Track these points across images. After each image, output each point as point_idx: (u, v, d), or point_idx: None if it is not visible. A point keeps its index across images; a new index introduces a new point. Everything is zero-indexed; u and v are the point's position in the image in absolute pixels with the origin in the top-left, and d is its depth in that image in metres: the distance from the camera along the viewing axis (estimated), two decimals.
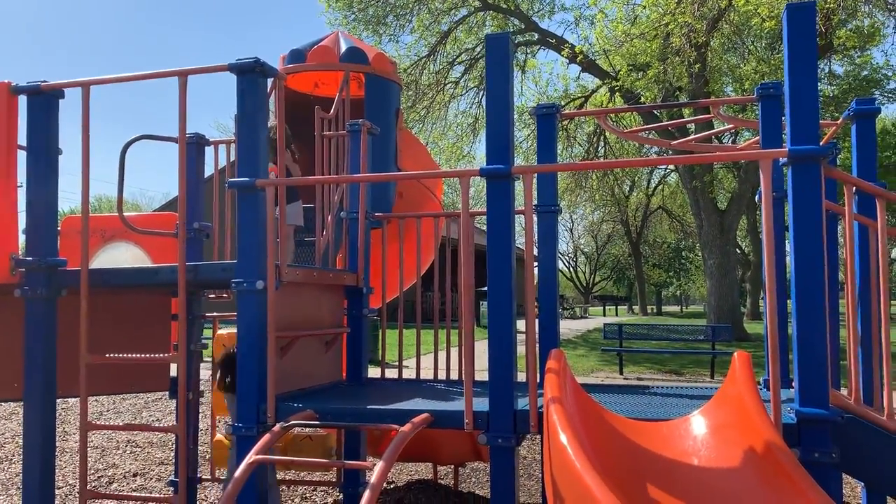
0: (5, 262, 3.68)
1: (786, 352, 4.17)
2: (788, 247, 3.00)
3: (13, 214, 3.77)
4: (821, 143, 3.75)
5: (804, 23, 2.90)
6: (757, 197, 3.99)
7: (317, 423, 3.24)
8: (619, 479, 2.58)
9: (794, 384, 3.11)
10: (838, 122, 4.45)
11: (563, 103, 22.22)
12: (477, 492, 5.52)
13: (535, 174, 3.78)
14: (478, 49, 22.02)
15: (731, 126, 5.12)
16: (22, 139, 3.84)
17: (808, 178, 2.82)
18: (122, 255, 4.93)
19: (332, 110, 5.04)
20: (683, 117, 18.73)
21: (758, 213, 34.19)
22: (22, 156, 3.84)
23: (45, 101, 3.81)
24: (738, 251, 36.62)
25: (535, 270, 4.29)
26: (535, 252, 4.23)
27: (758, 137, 4.35)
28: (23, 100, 3.80)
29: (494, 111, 3.19)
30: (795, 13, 2.91)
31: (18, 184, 3.86)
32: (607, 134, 22.35)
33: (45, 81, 3.78)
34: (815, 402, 2.78)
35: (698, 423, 2.80)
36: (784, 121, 4.08)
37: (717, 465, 2.61)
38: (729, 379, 2.86)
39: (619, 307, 59.80)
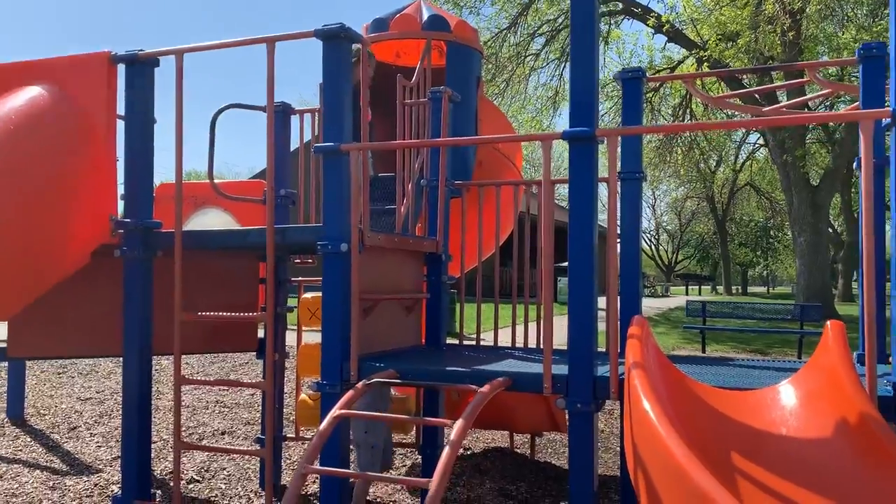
0: (106, 223, 3.87)
1: (883, 331, 3.98)
2: (889, 223, 2.85)
3: (113, 179, 3.96)
4: None
5: None
6: (855, 164, 3.80)
7: (398, 381, 3.30)
8: (703, 448, 2.52)
9: (891, 360, 2.97)
10: None
11: (648, 75, 21.64)
12: (554, 462, 5.52)
13: (620, 137, 3.71)
14: (559, 20, 21.63)
15: (827, 91, 4.87)
16: (120, 108, 4.03)
17: None
18: (212, 220, 5.12)
19: (413, 78, 5.06)
20: (771, 83, 17.97)
21: (853, 190, 32.58)
22: (120, 124, 4.04)
23: (141, 69, 3.98)
24: (830, 230, 35.03)
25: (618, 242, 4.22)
26: (618, 221, 4.16)
27: (856, 104, 4.13)
28: (121, 69, 3.98)
29: (579, 70, 3.13)
30: None
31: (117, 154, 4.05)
32: (693, 106, 21.65)
33: (141, 50, 3.93)
34: None
35: (787, 392, 2.71)
36: (888, 85, 3.87)
37: (807, 436, 2.53)
38: (821, 348, 2.75)
39: (702, 287, 58.31)
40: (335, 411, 2.92)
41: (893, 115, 2.65)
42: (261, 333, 4.82)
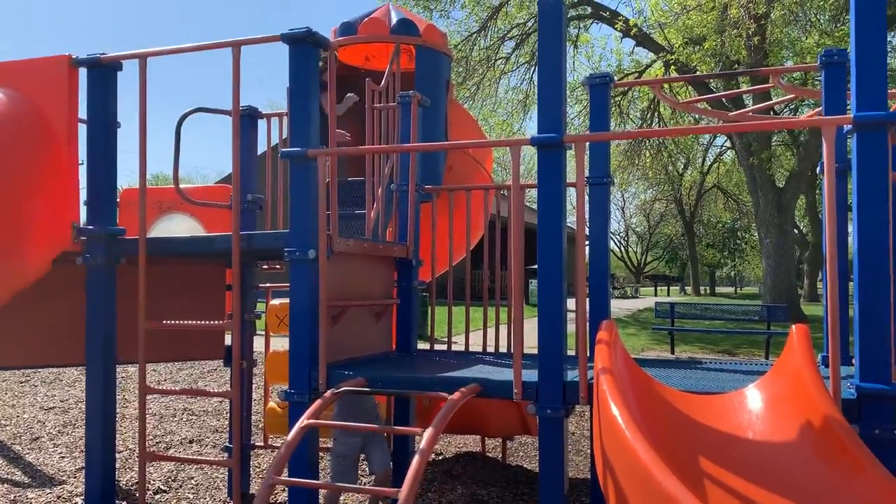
0: (68, 230, 3.79)
1: (846, 332, 4.04)
2: (851, 224, 2.90)
3: (75, 185, 3.88)
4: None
5: None
6: (819, 168, 3.86)
7: (367, 389, 3.28)
8: (671, 452, 2.54)
9: (854, 362, 3.02)
10: None
11: (617, 78, 21.82)
12: (525, 465, 5.52)
13: (588, 143, 3.72)
14: (529, 24, 21.72)
15: (791, 96, 4.95)
16: (82, 112, 3.95)
17: (874, 146, 2.71)
18: (178, 226, 5.05)
19: (382, 82, 5.03)
20: (737, 88, 18.23)
21: (817, 192, 33.17)
22: (82, 129, 3.96)
23: (104, 73, 3.90)
24: (796, 231, 35.64)
25: (586, 246, 4.24)
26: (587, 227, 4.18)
27: (819, 109, 4.20)
28: (82, 73, 3.90)
29: (546, 77, 3.14)
30: None
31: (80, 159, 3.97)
32: (661, 110, 21.89)
33: (104, 54, 3.86)
34: (877, 377, 2.69)
35: (754, 396, 2.74)
36: (849, 90, 3.94)
37: (773, 440, 2.55)
38: (786, 352, 2.79)
39: (671, 287, 58.94)
40: (303, 421, 2.89)
41: (855, 121, 2.69)
42: (228, 341, 4.76)
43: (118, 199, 4.20)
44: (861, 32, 2.76)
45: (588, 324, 3.90)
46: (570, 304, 3.25)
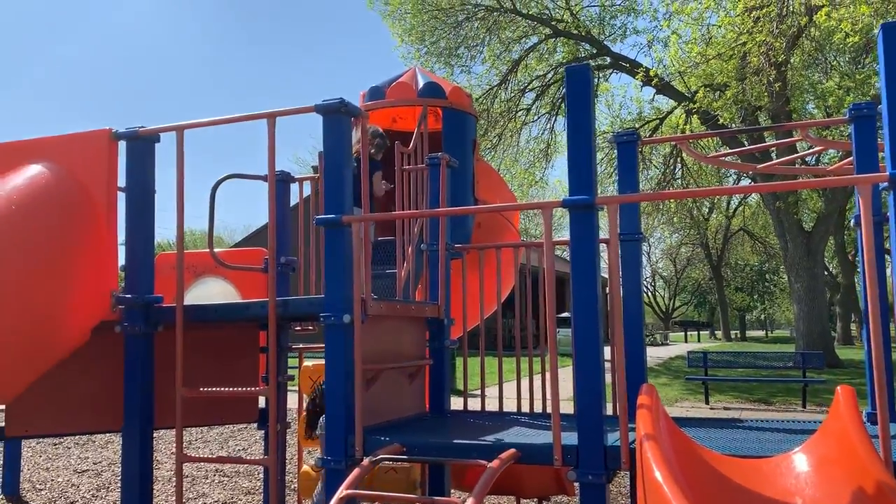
0: (107, 299, 3.86)
1: (891, 383, 3.95)
2: (889, 270, 2.86)
3: (114, 254, 3.96)
4: None
5: None
6: (853, 221, 3.83)
7: (405, 457, 3.25)
8: None
9: None
10: None
11: (637, 126, 21.95)
12: None
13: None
14: (549, 76, 22.04)
15: (820, 148, 4.95)
16: (121, 181, 4.06)
17: None
18: (212, 290, 5.11)
19: (411, 144, 5.12)
20: (764, 140, 18.23)
21: (846, 234, 32.77)
22: (121, 197, 4.06)
23: (142, 145, 4.02)
24: (826, 273, 35.14)
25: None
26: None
27: (849, 159, 4.18)
28: (121, 145, 4.02)
29: (576, 142, 3.17)
30: (892, 31, 2.80)
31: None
32: (684, 156, 21.90)
33: (142, 127, 3.98)
34: None
35: (801, 460, 2.68)
36: (880, 142, 3.93)
37: None
38: (832, 414, 2.73)
39: (700, 332, 58.11)
40: (342, 491, 2.87)
41: (891, 179, 2.68)
42: (261, 402, 4.76)
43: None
44: (893, 90, 2.77)
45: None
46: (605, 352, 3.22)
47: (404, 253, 4.78)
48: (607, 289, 3.69)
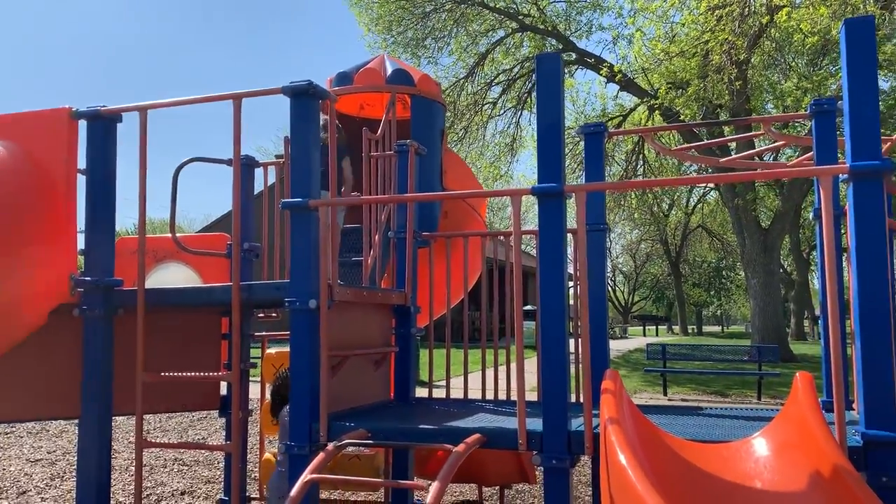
0: (65, 282, 3.77)
1: (845, 374, 4.05)
2: (846, 266, 2.93)
3: (73, 236, 3.87)
4: None
5: (863, 37, 2.85)
6: (812, 215, 3.92)
7: (370, 442, 3.24)
8: (679, 501, 2.53)
9: (855, 407, 3.02)
10: (893, 137, 4.36)
11: (601, 122, 22.14)
12: None
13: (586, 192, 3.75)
14: (515, 70, 22.12)
15: (780, 143, 5.04)
16: (81, 163, 3.95)
17: (870, 194, 2.76)
18: (173, 275, 5.02)
19: (378, 131, 5.09)
20: (724, 135, 18.54)
21: (801, 232, 33.53)
22: (81, 179, 3.95)
23: (103, 125, 3.92)
24: (781, 270, 35.91)
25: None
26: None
27: (808, 154, 4.27)
28: (82, 124, 3.92)
29: (545, 130, 3.18)
30: (854, 28, 2.86)
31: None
32: (646, 152, 22.17)
33: (104, 106, 3.88)
34: (883, 423, 2.69)
35: (760, 444, 2.73)
36: (839, 137, 4.03)
37: (780, 489, 2.54)
38: (791, 400, 2.79)
39: (658, 327, 59.01)
40: (307, 475, 2.85)
41: (851, 171, 2.75)
42: (223, 390, 4.70)
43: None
44: (854, 85, 2.83)
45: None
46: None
47: (371, 240, 4.75)
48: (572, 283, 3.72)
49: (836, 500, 2.39)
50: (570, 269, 4.17)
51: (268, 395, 4.88)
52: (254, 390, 5.53)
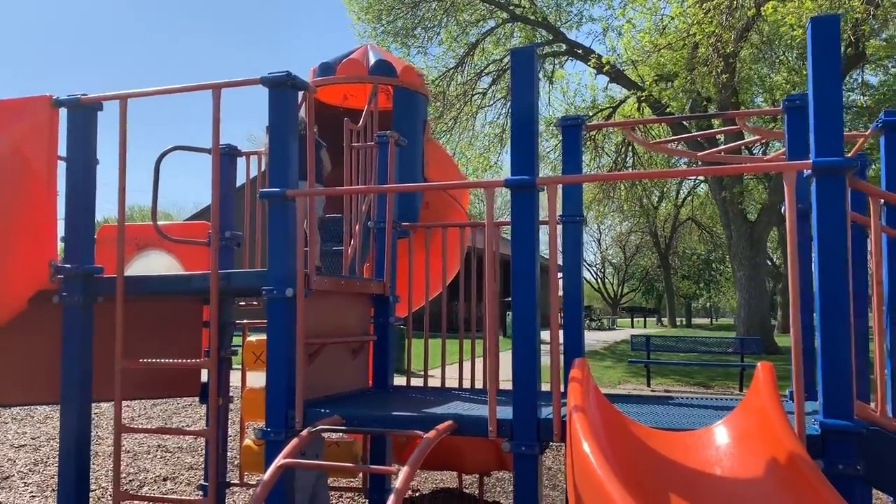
0: (45, 268, 3.80)
1: (812, 365, 4.14)
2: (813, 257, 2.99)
3: (53, 223, 3.90)
4: (850, 155, 3.74)
5: (828, 35, 2.91)
6: (782, 208, 3.99)
7: (343, 428, 3.30)
8: (641, 488, 2.60)
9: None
10: (867, 133, 4.43)
11: (590, 114, 22.20)
12: (502, 501, 5.54)
13: (560, 185, 3.82)
14: (505, 60, 22.09)
15: (758, 137, 5.11)
16: (62, 150, 3.98)
17: (832, 190, 2.83)
18: (155, 263, 5.06)
19: (360, 122, 5.12)
20: (713, 128, 18.63)
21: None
22: (61, 166, 3.98)
23: (84, 113, 3.95)
24: (770, 263, 36.16)
25: (560, 281, 4.32)
26: (560, 262, 4.26)
27: (785, 150, 4.34)
28: (63, 112, 3.94)
29: (519, 123, 3.24)
30: (819, 25, 2.92)
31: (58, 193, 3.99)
32: (636, 144, 22.26)
33: (84, 94, 3.91)
34: (840, 413, 2.77)
35: (721, 433, 2.81)
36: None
37: (739, 475, 2.62)
38: (752, 389, 2.87)
39: (647, 319, 59.27)
40: (279, 460, 2.90)
41: (814, 167, 2.81)
42: (204, 377, 4.75)
43: (95, 236, 4.21)
44: (818, 82, 2.90)
45: (563, 356, 3.97)
46: (545, 335, 3.32)
47: (351, 230, 4.80)
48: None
49: (791, 485, 2.47)
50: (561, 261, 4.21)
51: (249, 383, 4.93)
52: (235, 378, 5.58)
